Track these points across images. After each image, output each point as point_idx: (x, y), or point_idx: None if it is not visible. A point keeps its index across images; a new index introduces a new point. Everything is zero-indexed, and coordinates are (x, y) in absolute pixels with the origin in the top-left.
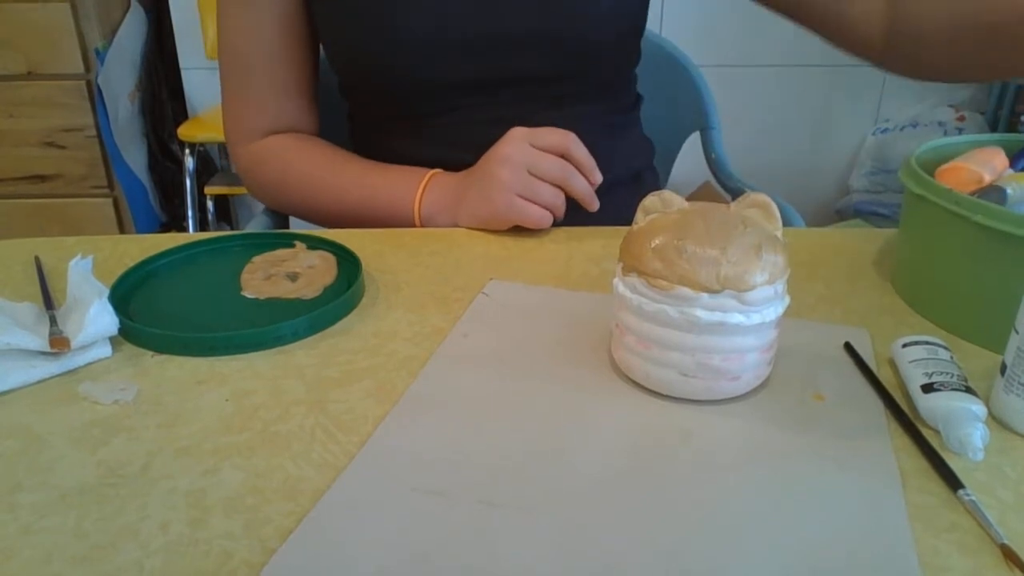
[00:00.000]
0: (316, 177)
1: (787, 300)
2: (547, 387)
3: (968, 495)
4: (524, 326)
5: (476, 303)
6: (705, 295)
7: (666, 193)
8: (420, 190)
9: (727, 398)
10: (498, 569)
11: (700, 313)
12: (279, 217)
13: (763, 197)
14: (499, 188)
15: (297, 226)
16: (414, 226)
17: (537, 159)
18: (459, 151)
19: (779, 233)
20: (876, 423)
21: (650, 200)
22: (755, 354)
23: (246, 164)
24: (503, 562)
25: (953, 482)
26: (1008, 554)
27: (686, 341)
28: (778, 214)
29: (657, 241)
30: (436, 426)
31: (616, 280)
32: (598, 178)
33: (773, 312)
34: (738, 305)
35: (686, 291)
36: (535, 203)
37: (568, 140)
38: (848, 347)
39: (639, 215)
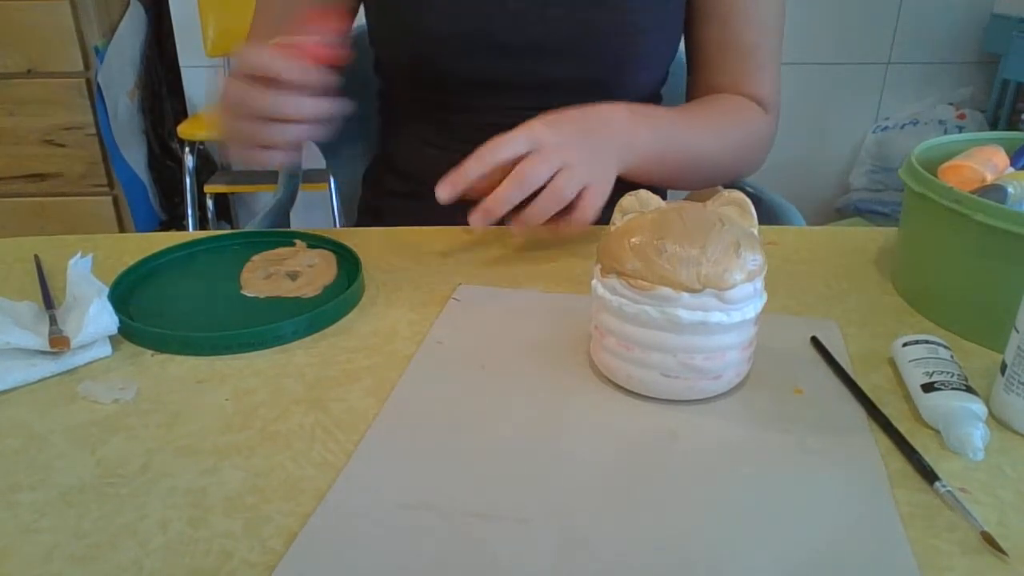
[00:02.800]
0: None
1: (765, 296)
2: (530, 395)
3: (944, 486)
4: (500, 332)
5: (448, 309)
6: (686, 295)
7: (643, 192)
8: None
9: (709, 397)
10: None
11: (682, 313)
12: (280, 217)
13: (738, 194)
14: (228, 143)
15: (298, 225)
16: None
17: (240, 96)
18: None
19: (755, 230)
20: (856, 413)
21: (627, 200)
22: (736, 352)
23: None
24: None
25: (929, 475)
26: (988, 540)
27: (668, 341)
28: (753, 211)
29: (636, 240)
30: (419, 441)
31: (595, 282)
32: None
33: (753, 309)
34: (719, 304)
35: (667, 291)
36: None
37: (272, 61)
38: (815, 341)
39: (616, 215)
